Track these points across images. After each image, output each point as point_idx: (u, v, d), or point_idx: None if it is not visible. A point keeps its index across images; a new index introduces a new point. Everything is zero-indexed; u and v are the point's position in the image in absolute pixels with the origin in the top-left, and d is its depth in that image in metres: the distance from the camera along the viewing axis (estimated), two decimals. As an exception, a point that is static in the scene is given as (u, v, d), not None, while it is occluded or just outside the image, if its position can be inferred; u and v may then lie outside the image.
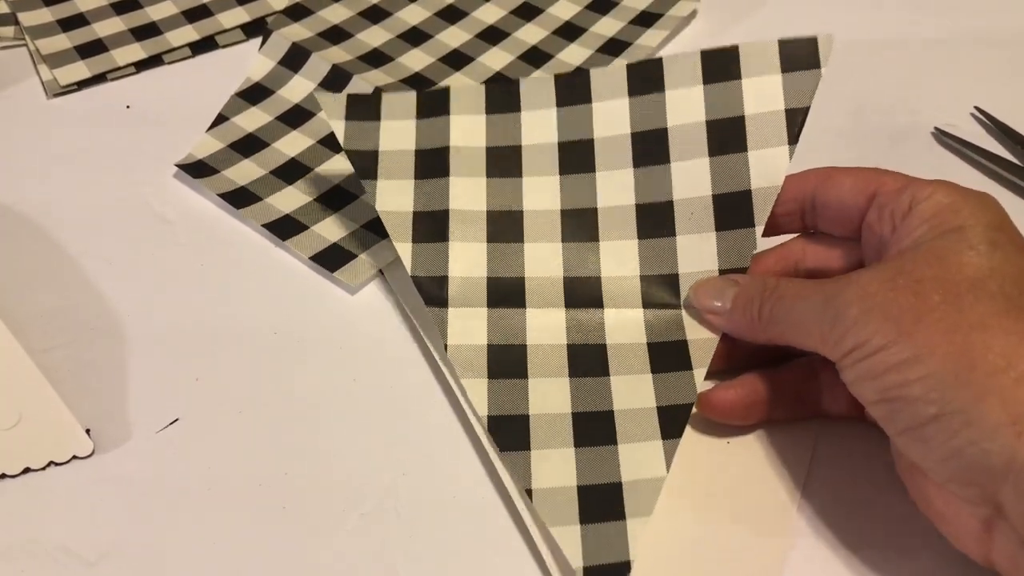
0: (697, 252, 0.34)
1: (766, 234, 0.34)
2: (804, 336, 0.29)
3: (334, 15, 0.49)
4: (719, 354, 0.33)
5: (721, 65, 0.36)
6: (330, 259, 0.38)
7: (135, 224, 0.40)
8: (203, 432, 0.33)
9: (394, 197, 0.35)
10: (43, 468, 0.32)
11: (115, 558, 0.30)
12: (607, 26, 0.49)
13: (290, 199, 0.40)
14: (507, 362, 0.33)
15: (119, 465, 0.32)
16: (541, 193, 0.36)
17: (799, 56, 0.35)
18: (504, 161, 0.36)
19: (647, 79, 0.36)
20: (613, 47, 0.48)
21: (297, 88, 0.45)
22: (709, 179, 0.35)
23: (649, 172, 0.35)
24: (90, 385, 0.34)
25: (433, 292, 0.34)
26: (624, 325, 0.34)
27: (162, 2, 0.49)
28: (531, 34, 0.49)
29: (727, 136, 0.35)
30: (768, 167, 0.34)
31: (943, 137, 0.44)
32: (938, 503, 0.27)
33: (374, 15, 0.50)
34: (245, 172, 0.41)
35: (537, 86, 0.37)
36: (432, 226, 0.35)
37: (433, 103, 0.37)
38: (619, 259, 0.35)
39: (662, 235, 0.35)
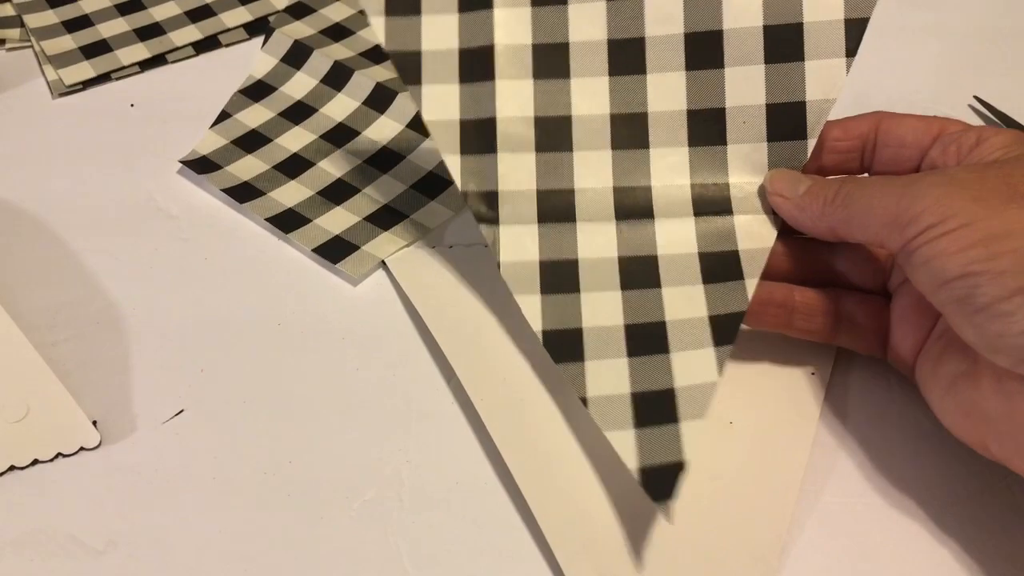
0: (748, 161, 0.34)
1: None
2: (873, 219, 0.28)
3: (335, 13, 0.50)
4: (776, 267, 0.33)
5: None
6: (333, 251, 0.38)
7: (140, 220, 0.40)
8: (208, 423, 0.33)
9: (440, 104, 0.34)
10: (51, 459, 0.32)
11: (122, 547, 0.30)
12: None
13: (293, 193, 0.40)
14: (559, 277, 0.33)
15: (126, 456, 0.32)
16: (590, 96, 0.35)
17: None
18: (551, 60, 0.34)
19: None
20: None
21: (299, 85, 0.45)
22: (764, 87, 0.34)
23: (702, 76, 0.34)
24: (96, 378, 0.34)
25: (483, 209, 0.33)
26: (675, 235, 0.33)
27: (165, 2, 0.50)
28: (531, 29, 0.49)
29: (784, 43, 0.34)
30: (824, 79, 0.33)
31: (942, 126, 0.44)
32: (993, 402, 0.27)
33: (375, 13, 0.50)
34: (248, 167, 0.42)
35: None
36: (480, 136, 0.34)
37: None
38: (669, 166, 0.34)
39: (714, 143, 0.34)
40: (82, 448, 0.32)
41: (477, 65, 0.34)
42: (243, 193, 0.40)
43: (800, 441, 0.32)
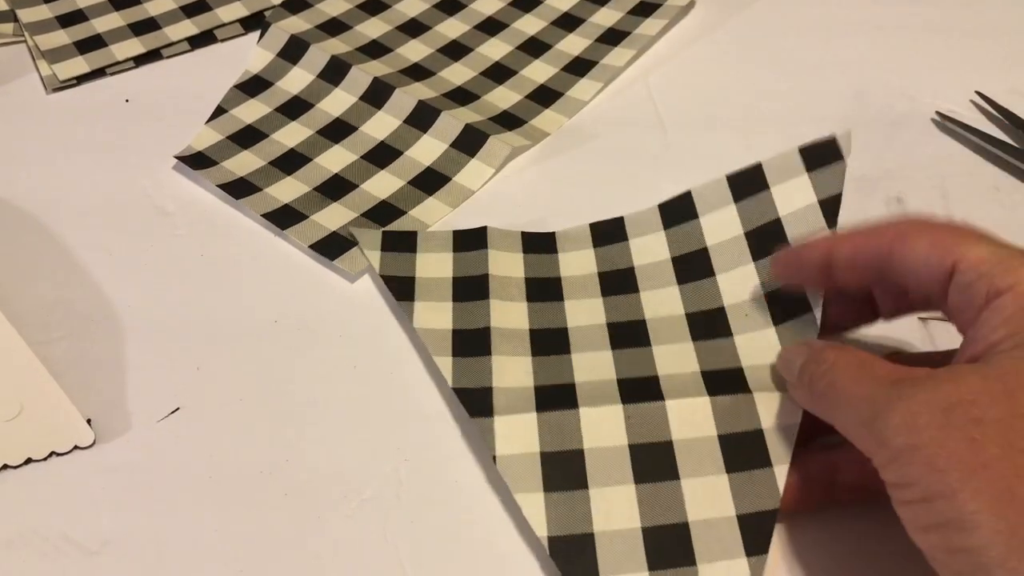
0: (757, 348, 0.32)
1: (834, 323, 0.32)
2: (851, 436, 0.26)
3: (332, 7, 0.49)
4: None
5: (747, 181, 0.36)
6: (329, 247, 0.38)
7: (135, 216, 0.40)
8: (204, 421, 0.33)
9: (433, 315, 0.34)
10: (45, 458, 0.32)
11: (117, 547, 0.29)
12: (606, 16, 0.49)
13: (289, 189, 0.40)
14: (564, 471, 0.30)
15: (120, 455, 0.32)
16: (585, 312, 0.35)
17: (821, 154, 0.35)
18: (545, 288, 0.36)
19: (679, 212, 0.37)
20: (612, 36, 0.48)
21: (296, 80, 0.45)
22: (757, 279, 0.34)
23: (695, 286, 0.35)
24: (91, 375, 0.34)
25: (477, 402, 0.31)
26: (690, 415, 0.30)
27: (160, -3, 0.50)
28: (530, 24, 0.49)
29: (767, 238, 0.34)
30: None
31: (944, 122, 0.44)
32: None
33: (372, 7, 0.50)
34: (244, 163, 0.41)
35: (571, 233, 0.38)
36: (474, 342, 0.33)
37: (470, 239, 0.37)
38: (676, 360, 0.33)
39: (718, 336, 0.33)
40: (76, 447, 0.32)
41: (471, 288, 0.35)
42: (239, 189, 0.40)
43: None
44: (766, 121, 0.44)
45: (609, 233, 0.38)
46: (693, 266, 0.35)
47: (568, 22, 0.49)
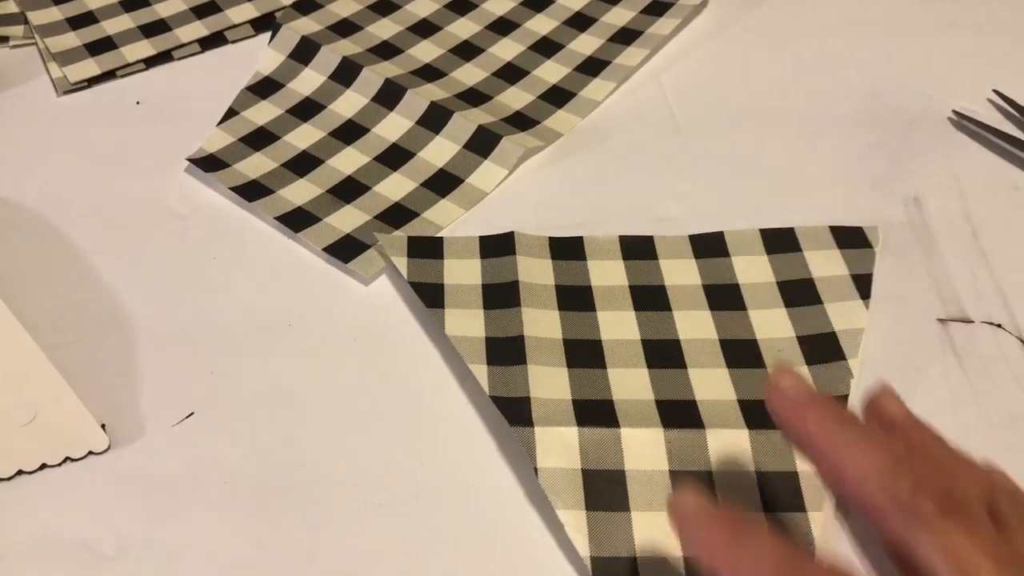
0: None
1: None
2: None
3: (343, 8, 0.49)
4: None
5: (780, 239, 0.37)
6: (343, 250, 0.37)
7: (147, 219, 0.39)
8: (218, 425, 0.33)
9: (464, 323, 0.34)
10: (59, 464, 0.31)
11: (133, 552, 0.29)
12: (618, 15, 0.49)
13: (302, 191, 0.40)
14: (606, 491, 0.30)
15: (135, 460, 0.32)
16: (618, 325, 0.35)
17: (850, 237, 0.37)
18: (575, 297, 0.35)
19: (710, 247, 0.37)
20: (625, 36, 0.48)
21: (307, 81, 0.45)
22: (790, 324, 0.34)
23: (727, 315, 0.35)
24: (104, 380, 0.34)
25: (516, 412, 0.31)
26: (728, 449, 0.30)
27: (171, -2, 0.49)
28: (541, 24, 0.49)
29: (800, 293, 0.35)
30: (847, 314, 0.34)
31: (961, 121, 0.43)
32: None
33: (383, 8, 0.49)
34: (256, 165, 0.41)
35: (600, 241, 0.38)
36: (508, 350, 0.33)
37: (497, 245, 0.37)
38: (712, 385, 0.33)
39: (752, 366, 0.33)
40: (91, 452, 0.32)
41: (501, 295, 0.35)
42: (251, 191, 0.40)
43: None
44: (781, 120, 0.44)
45: (638, 248, 0.37)
46: (725, 297, 0.36)
47: (580, 22, 0.49)
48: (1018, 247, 0.38)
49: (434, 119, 0.42)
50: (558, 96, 0.45)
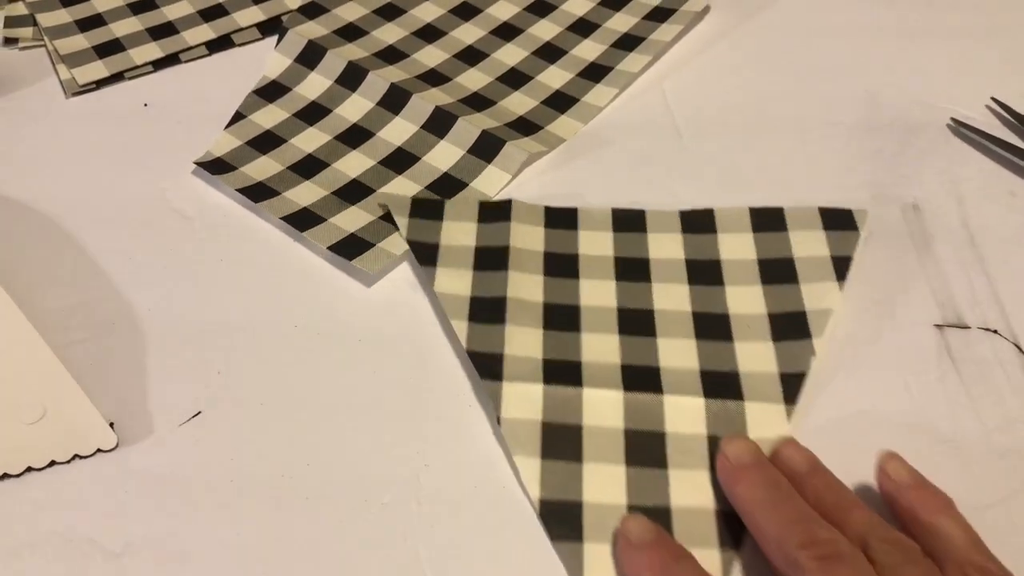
0: (756, 355, 0.34)
1: None
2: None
3: (349, 13, 0.49)
4: None
5: (768, 219, 0.39)
6: (348, 248, 0.38)
7: (154, 220, 0.40)
8: (225, 425, 0.33)
9: (452, 281, 0.36)
10: (68, 461, 0.32)
11: (140, 549, 0.30)
12: (621, 21, 0.49)
13: (308, 193, 0.40)
14: (562, 442, 0.32)
15: (143, 458, 0.32)
16: (597, 292, 0.36)
17: (838, 219, 0.38)
18: (562, 264, 0.37)
19: (698, 223, 0.39)
20: (627, 42, 0.48)
21: (313, 85, 0.45)
22: (763, 301, 0.36)
23: (704, 290, 0.36)
24: (113, 379, 0.34)
25: (487, 367, 0.33)
26: (684, 414, 0.32)
27: (178, 2, 0.50)
28: (545, 30, 0.49)
29: (778, 271, 0.37)
30: (820, 295, 0.35)
31: (959, 128, 0.44)
32: None
33: (389, 12, 0.50)
34: (263, 168, 0.42)
35: (593, 213, 0.40)
36: (490, 309, 0.35)
37: (495, 211, 0.39)
38: (678, 353, 0.34)
39: (720, 338, 0.35)
40: (99, 450, 0.32)
41: (491, 258, 0.37)
42: (258, 193, 0.40)
43: None
44: (782, 126, 0.44)
45: (629, 221, 0.39)
46: (705, 272, 0.37)
47: (583, 27, 0.49)
48: (1015, 253, 0.38)
49: (439, 124, 0.43)
50: (561, 101, 0.45)
